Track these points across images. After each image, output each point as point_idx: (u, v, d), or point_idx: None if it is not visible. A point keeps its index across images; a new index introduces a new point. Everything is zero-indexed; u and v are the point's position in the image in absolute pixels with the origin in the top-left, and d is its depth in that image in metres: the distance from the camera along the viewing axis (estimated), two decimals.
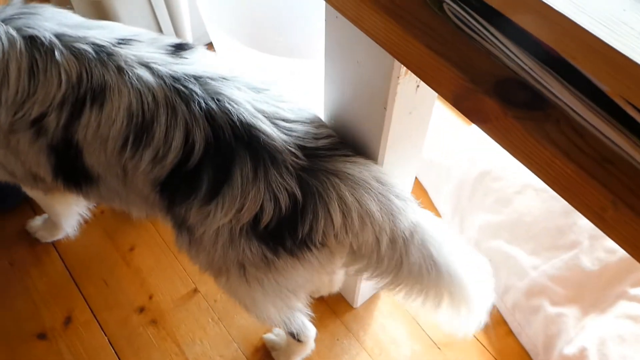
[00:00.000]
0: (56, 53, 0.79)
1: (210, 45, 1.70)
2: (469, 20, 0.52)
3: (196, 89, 0.77)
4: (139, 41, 0.83)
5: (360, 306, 1.32)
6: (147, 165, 0.80)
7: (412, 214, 0.80)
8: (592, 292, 1.19)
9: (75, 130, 0.82)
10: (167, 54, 0.82)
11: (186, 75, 0.79)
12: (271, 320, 0.98)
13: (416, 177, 1.54)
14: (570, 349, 1.13)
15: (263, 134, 0.75)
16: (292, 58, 1.15)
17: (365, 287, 1.26)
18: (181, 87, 0.77)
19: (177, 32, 1.53)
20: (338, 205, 0.75)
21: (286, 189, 0.75)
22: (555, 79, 0.47)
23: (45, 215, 1.38)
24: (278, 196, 0.75)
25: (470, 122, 0.53)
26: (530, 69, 0.49)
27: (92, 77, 0.79)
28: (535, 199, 1.30)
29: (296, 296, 0.94)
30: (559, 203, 1.25)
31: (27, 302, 1.31)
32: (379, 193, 0.77)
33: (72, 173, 0.89)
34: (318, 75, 0.88)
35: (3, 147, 0.90)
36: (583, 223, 1.23)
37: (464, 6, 0.52)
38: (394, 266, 0.81)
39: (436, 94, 0.77)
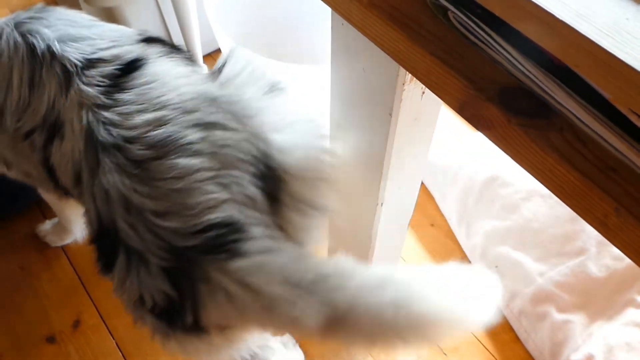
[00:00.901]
0: (44, 70, 0.79)
1: (218, 52, 1.71)
2: (473, 28, 0.53)
3: (92, 159, 0.74)
4: (103, 60, 0.79)
5: None
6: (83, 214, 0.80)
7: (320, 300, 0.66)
8: (599, 299, 1.19)
9: (50, 153, 0.82)
10: (106, 86, 0.77)
11: (93, 136, 0.74)
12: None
13: (422, 183, 1.55)
14: (577, 356, 1.13)
15: (123, 231, 0.71)
16: (299, 64, 1.16)
17: None
18: (87, 152, 0.74)
19: (185, 37, 1.54)
20: (219, 304, 0.69)
21: (158, 288, 0.71)
22: (559, 87, 0.48)
23: (55, 220, 1.39)
24: (152, 293, 0.72)
25: (474, 128, 0.54)
26: (534, 76, 0.49)
27: (58, 105, 0.78)
28: (542, 205, 1.30)
29: (223, 352, 0.88)
30: (566, 209, 1.24)
31: (36, 305, 1.32)
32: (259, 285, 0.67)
33: (62, 188, 0.89)
34: (324, 81, 0.89)
35: (13, 150, 0.91)
36: (590, 230, 1.23)
37: (469, 14, 0.52)
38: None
39: (441, 101, 0.77)
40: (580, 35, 0.40)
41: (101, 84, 0.77)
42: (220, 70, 0.86)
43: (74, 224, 1.32)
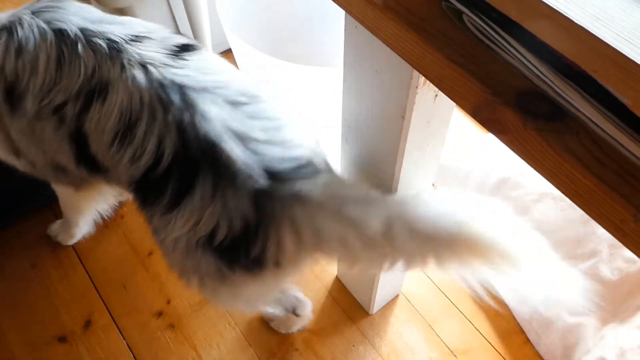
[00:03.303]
0: (79, 46, 0.83)
1: (229, 52, 1.72)
2: (488, 32, 0.52)
3: (176, 98, 0.79)
4: (151, 39, 0.86)
5: (376, 312, 1.32)
6: (127, 162, 0.83)
7: (382, 209, 0.75)
8: (611, 302, 1.18)
9: (84, 120, 0.85)
10: (169, 54, 0.84)
11: (172, 82, 0.80)
12: (252, 309, 1.02)
13: (433, 185, 1.54)
14: (588, 359, 1.12)
15: (225, 153, 0.76)
16: (310, 66, 1.16)
17: (382, 293, 1.26)
18: (164, 94, 0.79)
19: (197, 38, 1.55)
20: (290, 226, 0.76)
21: (241, 211, 0.75)
22: (575, 91, 0.47)
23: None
24: (232, 217, 0.76)
25: (488, 131, 0.54)
26: (550, 80, 0.49)
27: (102, 71, 0.82)
28: (554, 207, 1.29)
29: (261, 299, 0.96)
30: (578, 212, 1.24)
31: (48, 305, 1.33)
32: (334, 209, 0.76)
33: (88, 161, 0.92)
34: (337, 83, 0.89)
35: (27, 135, 0.93)
36: (602, 232, 1.22)
37: (484, 17, 0.52)
38: (389, 258, 0.78)
39: (454, 104, 0.77)
40: (599, 40, 0.40)
41: (162, 52, 0.84)
42: None
43: (83, 215, 1.33)
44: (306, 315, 1.24)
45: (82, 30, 0.85)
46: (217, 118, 0.78)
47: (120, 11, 1.39)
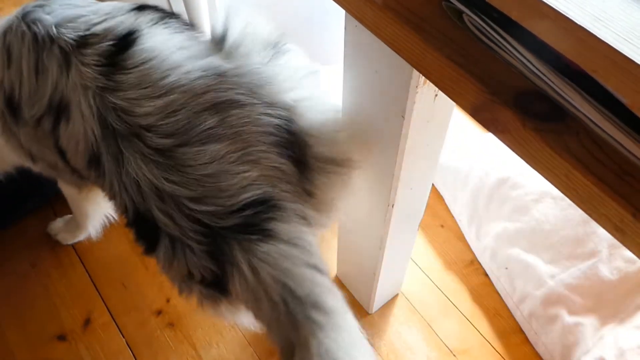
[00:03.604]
0: (45, 54, 0.80)
1: None
2: (488, 32, 0.52)
3: (112, 147, 0.74)
4: (96, 35, 0.79)
5: (375, 312, 1.32)
6: (106, 194, 0.81)
7: (302, 324, 0.70)
8: (610, 302, 1.18)
9: (59, 136, 0.82)
10: (104, 67, 0.76)
11: (109, 124, 0.74)
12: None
13: (433, 184, 1.54)
14: (587, 359, 1.12)
15: (160, 221, 0.73)
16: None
17: (381, 292, 1.26)
18: (105, 137, 0.75)
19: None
20: (247, 270, 0.72)
21: (205, 266, 0.74)
22: (575, 91, 0.47)
23: (66, 217, 1.40)
24: (200, 270, 0.74)
25: (487, 131, 0.54)
26: (550, 80, 0.49)
27: (61, 86, 0.78)
28: (554, 207, 1.29)
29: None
30: (578, 211, 1.24)
31: (47, 303, 1.33)
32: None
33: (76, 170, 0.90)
34: (337, 82, 0.89)
35: (35, 141, 0.91)
36: (602, 232, 1.22)
37: (484, 17, 0.52)
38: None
39: (454, 103, 0.77)
40: (599, 40, 0.40)
41: (98, 63, 0.76)
42: (223, 39, 0.82)
43: (90, 220, 1.32)
44: None
45: (48, 33, 0.80)
46: (145, 182, 0.72)
47: None
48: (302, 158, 0.78)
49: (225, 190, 0.71)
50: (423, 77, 0.68)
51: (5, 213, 1.44)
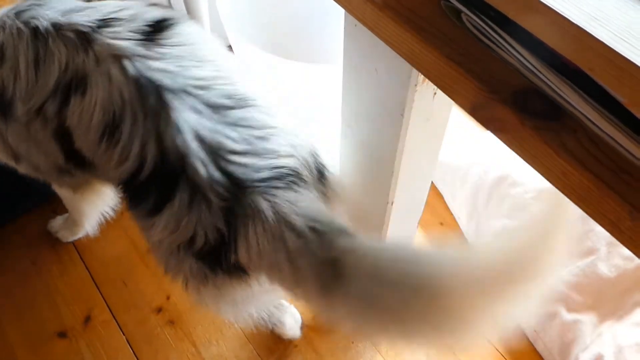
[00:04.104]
0: (50, 41, 0.81)
1: (229, 49, 1.72)
2: (486, 31, 0.53)
3: (153, 101, 0.76)
4: (119, 19, 0.82)
5: None
6: (114, 164, 0.81)
7: (334, 243, 0.70)
8: (609, 299, 1.19)
9: (66, 116, 0.83)
10: (141, 40, 0.79)
11: (149, 81, 0.76)
12: (237, 322, 1.01)
13: (432, 182, 1.54)
14: (586, 356, 1.12)
15: (193, 169, 0.74)
16: (310, 63, 1.16)
17: None
18: (142, 94, 0.76)
19: None
20: (250, 241, 0.74)
21: (214, 224, 0.74)
22: (572, 90, 0.48)
23: (66, 215, 1.40)
24: (207, 229, 0.75)
25: (486, 129, 0.54)
26: (548, 79, 0.49)
27: (75, 64, 0.80)
28: None
29: (242, 309, 0.94)
30: (576, 209, 1.24)
31: (48, 301, 1.34)
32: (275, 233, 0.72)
33: (75, 158, 0.91)
34: (335, 80, 0.89)
35: (24, 139, 0.92)
36: (600, 230, 1.21)
37: (482, 16, 0.53)
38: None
39: (453, 102, 0.77)
40: (595, 39, 0.40)
41: (134, 38, 0.79)
42: None
43: (87, 218, 1.33)
44: (286, 333, 1.23)
45: (53, 24, 0.82)
46: (190, 130, 0.74)
47: None
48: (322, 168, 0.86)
49: (269, 152, 0.76)
50: (422, 76, 0.68)
51: (5, 211, 1.44)
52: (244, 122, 0.77)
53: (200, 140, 0.74)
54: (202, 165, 0.73)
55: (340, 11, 0.68)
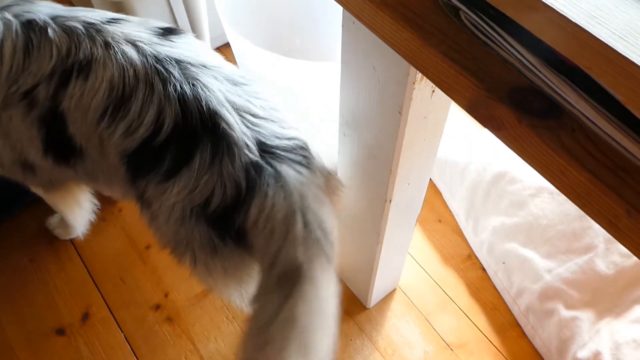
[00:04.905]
0: (49, 31, 0.85)
1: (227, 46, 1.71)
2: (485, 29, 0.53)
3: (175, 71, 0.81)
4: (128, 21, 0.88)
5: (373, 307, 1.32)
6: (120, 136, 0.83)
7: (301, 252, 0.77)
8: (607, 296, 1.19)
9: (61, 99, 0.85)
10: (155, 35, 0.86)
11: (168, 58, 0.82)
12: (243, 304, 1.02)
13: (430, 179, 1.55)
14: (584, 353, 1.13)
15: (225, 122, 0.79)
16: (307, 61, 1.16)
17: (379, 287, 1.26)
18: (161, 67, 0.81)
19: (194, 32, 1.54)
20: (265, 205, 0.77)
21: (234, 179, 0.78)
22: (570, 88, 0.48)
23: None
24: (227, 184, 0.78)
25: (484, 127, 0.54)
26: (546, 77, 0.49)
27: (79, 50, 0.83)
28: (551, 202, 1.30)
29: (248, 286, 0.96)
30: (574, 206, 1.24)
31: (46, 298, 1.34)
32: (291, 208, 0.77)
33: (60, 146, 0.92)
34: (333, 77, 0.89)
35: None
36: (598, 227, 1.22)
37: (480, 14, 0.52)
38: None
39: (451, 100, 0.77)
40: (593, 38, 0.40)
41: (147, 32, 0.86)
42: None
43: (73, 218, 1.32)
44: None
45: (53, 17, 0.86)
46: (218, 90, 0.80)
47: (119, 4, 1.38)
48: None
49: (285, 121, 0.84)
50: (420, 74, 0.68)
51: (3, 207, 1.44)
52: (258, 96, 0.85)
53: (229, 101, 0.80)
54: (235, 122, 0.79)
55: (339, 8, 0.68)
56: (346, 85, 0.84)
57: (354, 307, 1.32)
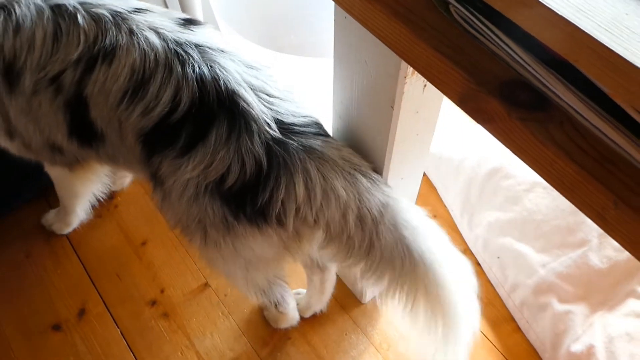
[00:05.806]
0: (79, 17, 0.87)
1: None
2: (474, 22, 0.53)
3: (194, 54, 0.84)
4: (152, 12, 0.91)
5: (368, 301, 1.33)
6: (137, 117, 0.85)
7: (380, 194, 0.82)
8: (600, 290, 1.19)
9: (86, 84, 0.87)
10: (177, 24, 0.89)
11: (188, 42, 0.85)
12: (244, 290, 1.04)
13: (425, 174, 1.55)
14: (577, 347, 1.13)
15: (243, 101, 0.80)
16: (302, 56, 1.16)
17: None
18: (181, 50, 0.84)
19: None
20: (302, 177, 0.79)
21: (254, 155, 0.79)
22: (558, 81, 0.48)
23: (59, 208, 1.40)
24: (245, 160, 0.79)
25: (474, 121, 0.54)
26: (534, 70, 0.50)
27: (106, 38, 0.86)
28: (545, 196, 1.30)
29: (258, 269, 0.98)
30: (568, 201, 1.25)
31: (42, 294, 1.34)
32: (345, 171, 0.81)
33: (83, 131, 0.94)
34: (328, 73, 0.89)
35: (25, 113, 0.95)
36: (591, 221, 1.23)
37: (470, 8, 0.53)
38: (366, 248, 0.84)
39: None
40: (580, 31, 0.41)
41: (169, 21, 0.89)
42: None
43: (79, 201, 1.33)
44: (290, 314, 1.23)
45: (82, 3, 0.88)
46: (235, 71, 0.83)
47: None
48: None
49: (297, 101, 0.86)
50: (411, 68, 0.68)
51: (3, 202, 1.44)
52: (273, 79, 0.87)
53: (246, 81, 0.83)
54: (253, 100, 0.81)
55: (331, 4, 0.69)
56: (339, 79, 0.84)
57: (349, 302, 1.33)
